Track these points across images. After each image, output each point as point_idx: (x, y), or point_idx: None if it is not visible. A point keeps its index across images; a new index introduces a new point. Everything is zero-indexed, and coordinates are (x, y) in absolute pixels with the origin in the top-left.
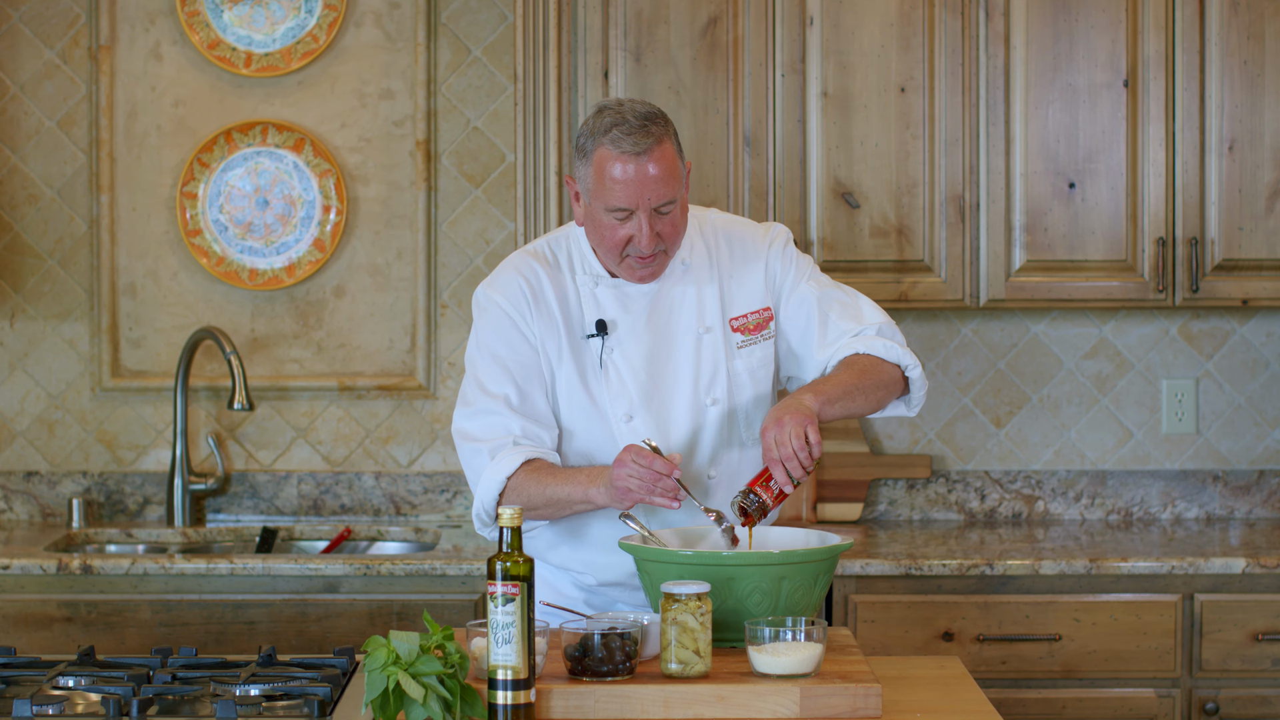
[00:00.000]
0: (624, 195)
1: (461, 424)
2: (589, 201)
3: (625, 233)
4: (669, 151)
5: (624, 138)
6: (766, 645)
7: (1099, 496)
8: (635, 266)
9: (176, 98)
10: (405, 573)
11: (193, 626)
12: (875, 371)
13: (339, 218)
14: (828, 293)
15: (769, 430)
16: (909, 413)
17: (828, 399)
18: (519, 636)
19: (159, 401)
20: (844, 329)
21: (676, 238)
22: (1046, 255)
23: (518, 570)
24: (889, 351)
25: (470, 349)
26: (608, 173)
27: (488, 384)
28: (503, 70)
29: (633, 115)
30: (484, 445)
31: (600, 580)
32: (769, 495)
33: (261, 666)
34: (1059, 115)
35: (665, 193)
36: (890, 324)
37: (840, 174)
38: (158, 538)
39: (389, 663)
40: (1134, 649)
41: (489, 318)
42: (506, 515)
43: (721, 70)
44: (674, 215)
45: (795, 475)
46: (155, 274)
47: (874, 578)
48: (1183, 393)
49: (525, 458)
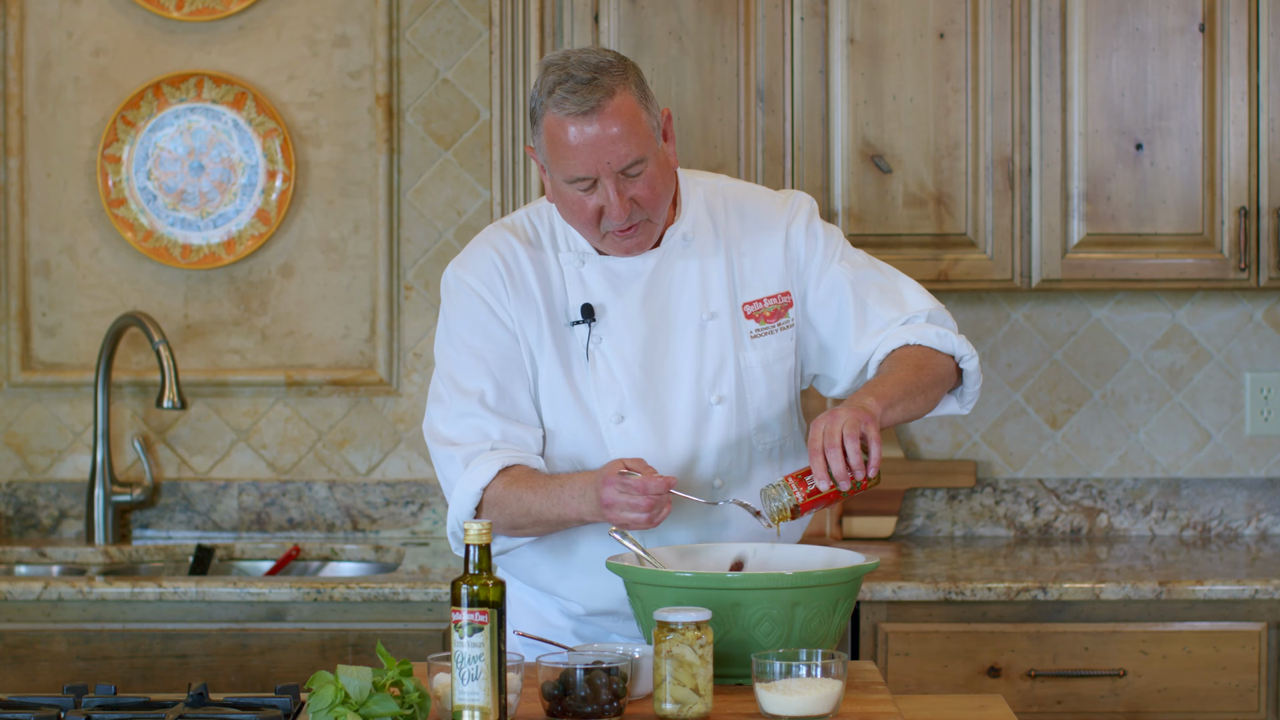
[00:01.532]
0: (580, 162)
1: (434, 425)
2: (551, 174)
3: (594, 204)
4: (628, 103)
5: (568, 97)
6: (777, 682)
7: (1171, 509)
8: (617, 240)
9: (97, 45)
10: (362, 598)
11: (115, 660)
12: (931, 366)
13: (286, 185)
14: (863, 274)
15: (821, 420)
16: (961, 410)
17: (889, 401)
18: (488, 672)
19: (77, 399)
20: (888, 317)
21: (657, 201)
22: (1109, 228)
23: (486, 595)
24: (943, 341)
25: (439, 339)
26: (559, 139)
27: (461, 379)
28: (476, 13)
29: (579, 68)
30: (457, 451)
31: (589, 609)
32: (801, 492)
33: (191, 707)
34: (1124, 65)
35: (628, 152)
36: (940, 309)
37: (869, 133)
38: (75, 557)
39: (336, 702)
40: (1211, 686)
41: (460, 301)
42: (473, 531)
43: (731, 12)
44: (649, 175)
45: (836, 472)
46: (72, 250)
47: (908, 603)
48: (1270, 388)
49: (502, 464)
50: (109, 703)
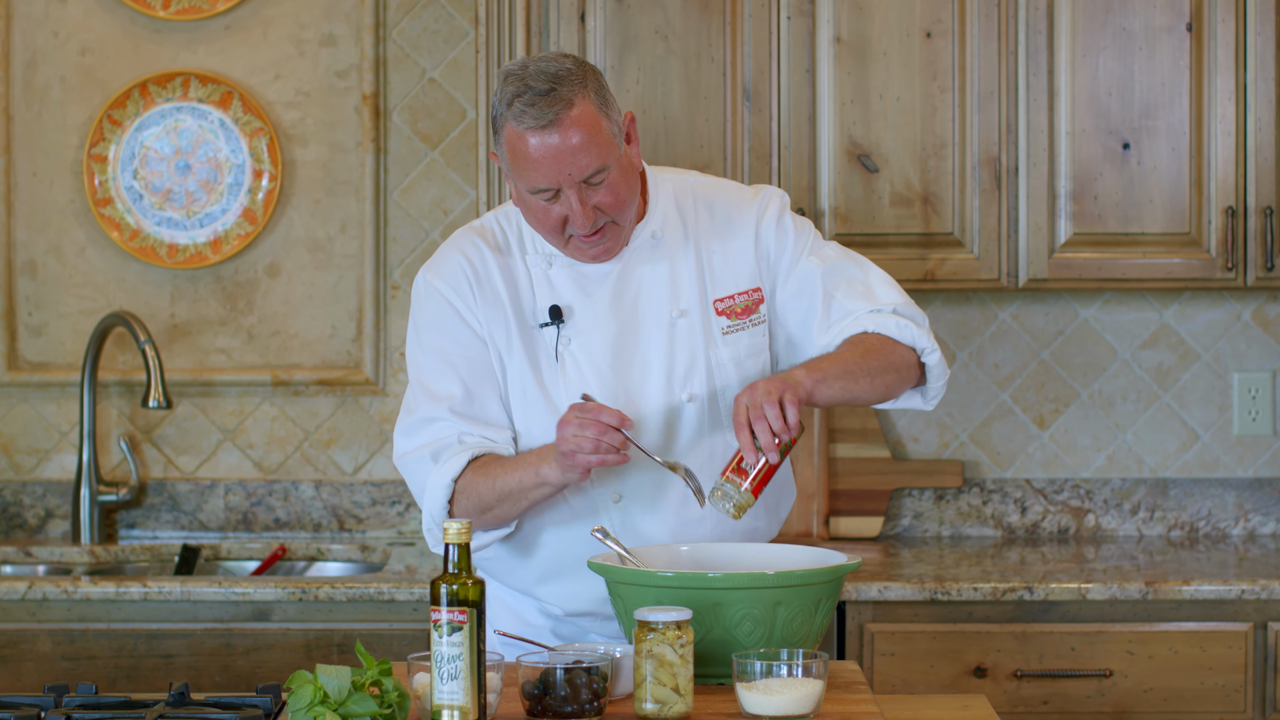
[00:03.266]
0: (542, 174)
1: (400, 439)
2: (515, 183)
3: (558, 213)
4: (587, 112)
5: (526, 110)
6: (758, 682)
7: (1159, 509)
8: (583, 247)
9: (83, 44)
10: (348, 597)
11: (100, 660)
12: (884, 352)
13: (272, 184)
14: (834, 267)
15: (741, 395)
16: (924, 406)
17: (822, 375)
18: (467, 671)
19: (63, 399)
20: (853, 308)
21: (622, 207)
22: (1096, 227)
23: (466, 594)
24: (902, 331)
25: (410, 345)
26: (519, 151)
27: (431, 383)
28: (463, 12)
29: (537, 79)
30: (426, 450)
31: (567, 610)
32: (744, 480)
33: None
34: (1111, 64)
35: (589, 162)
36: (910, 303)
37: (856, 133)
38: (61, 557)
39: (315, 702)
40: (1198, 686)
41: (429, 307)
42: (452, 530)
43: (717, 11)
44: (611, 182)
45: (764, 444)
46: (59, 250)
47: (894, 603)
48: (1257, 388)
49: (472, 455)
50: (89, 702)
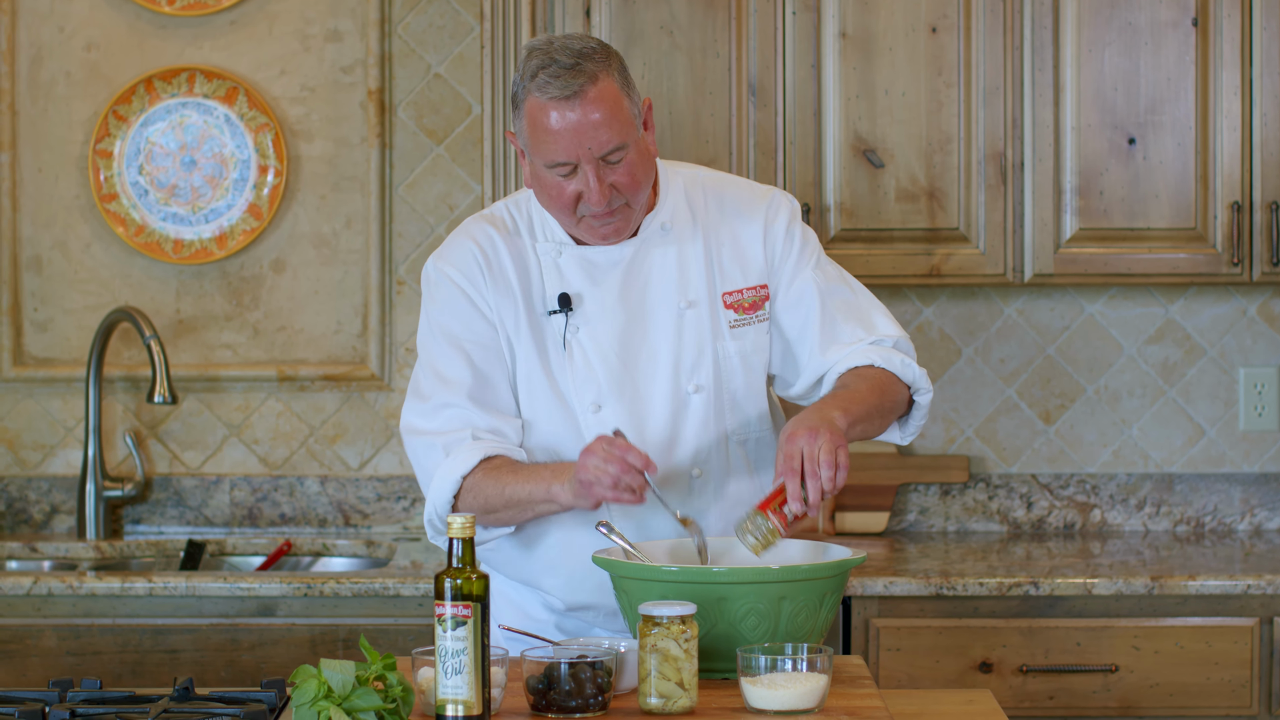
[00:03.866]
0: (561, 147)
1: (411, 419)
2: (531, 158)
3: (573, 189)
4: (610, 90)
5: (551, 81)
6: (762, 676)
7: (1165, 504)
8: (594, 225)
9: (89, 40)
10: (353, 593)
11: (105, 655)
12: (892, 392)
13: (278, 180)
14: (834, 288)
15: (799, 437)
16: (901, 440)
17: (853, 420)
18: (471, 666)
19: (68, 394)
20: (855, 334)
21: (637, 188)
22: (1102, 223)
23: (470, 588)
24: (906, 370)
25: (421, 331)
26: (540, 123)
27: (443, 369)
28: (468, 7)
29: (563, 54)
30: (438, 439)
31: (569, 603)
32: (781, 521)
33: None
34: (1117, 59)
35: (610, 138)
36: (906, 339)
37: (861, 128)
38: (66, 552)
39: (320, 696)
40: (1203, 682)
41: (440, 293)
42: (456, 525)
43: (723, 7)
44: (629, 162)
45: (812, 497)
46: (64, 245)
47: (900, 599)
48: (1263, 383)
49: (485, 454)
50: (94, 697)
